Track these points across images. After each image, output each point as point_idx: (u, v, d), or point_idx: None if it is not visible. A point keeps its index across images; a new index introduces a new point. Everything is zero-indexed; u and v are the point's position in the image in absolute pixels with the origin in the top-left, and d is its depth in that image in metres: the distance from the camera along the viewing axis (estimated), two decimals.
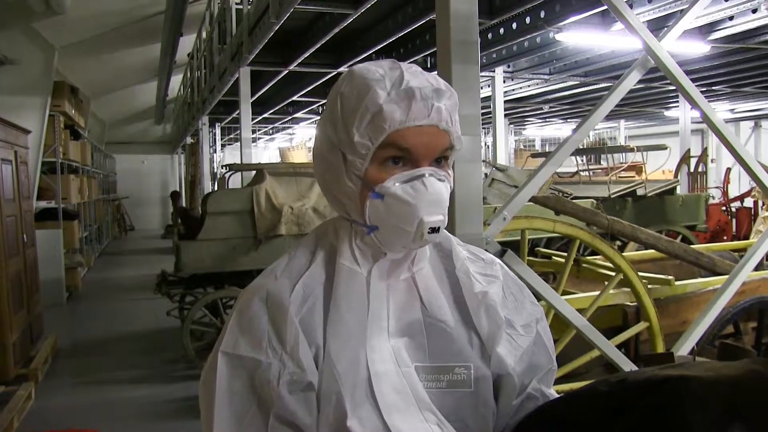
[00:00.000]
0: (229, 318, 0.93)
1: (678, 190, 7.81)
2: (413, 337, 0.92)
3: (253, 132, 16.06)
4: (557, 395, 1.00)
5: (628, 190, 7.03)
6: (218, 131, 15.52)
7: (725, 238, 8.44)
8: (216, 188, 11.25)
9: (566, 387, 2.80)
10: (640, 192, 7.07)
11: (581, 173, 9.21)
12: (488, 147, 14.06)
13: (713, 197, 9.30)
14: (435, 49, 2.28)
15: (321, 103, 11.10)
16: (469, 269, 0.99)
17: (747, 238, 7.71)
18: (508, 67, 8.65)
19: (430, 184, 0.88)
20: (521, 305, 1.02)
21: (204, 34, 8.85)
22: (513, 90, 10.61)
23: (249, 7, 5.82)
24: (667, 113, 14.51)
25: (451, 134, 0.90)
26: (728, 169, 10.30)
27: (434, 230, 0.88)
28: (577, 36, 6.08)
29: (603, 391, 0.84)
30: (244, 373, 0.87)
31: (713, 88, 10.42)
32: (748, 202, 9.46)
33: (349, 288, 0.91)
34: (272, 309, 0.89)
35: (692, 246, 4.28)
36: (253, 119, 8.75)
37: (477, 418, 0.93)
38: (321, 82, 8.76)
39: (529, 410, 0.95)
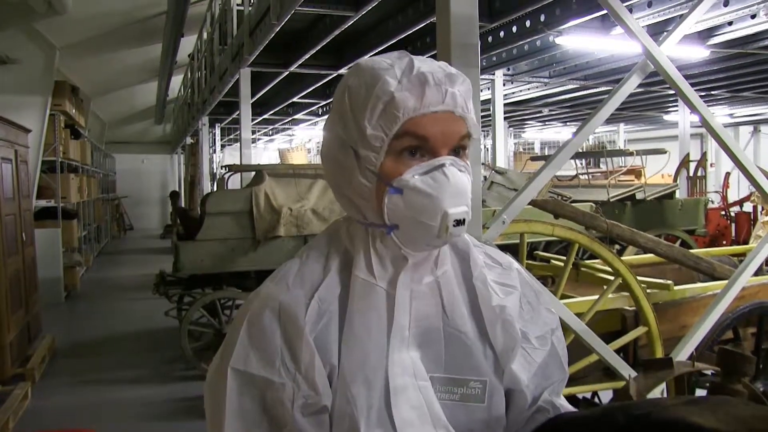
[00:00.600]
0: (235, 325, 0.88)
1: (677, 195, 7.82)
2: (430, 346, 0.89)
3: (253, 133, 16.03)
4: (568, 405, 0.98)
5: (627, 194, 7.04)
6: (218, 132, 15.52)
7: (724, 242, 8.45)
8: (215, 189, 11.25)
9: (565, 391, 2.80)
10: (639, 196, 7.08)
11: (580, 177, 9.22)
12: (488, 150, 14.06)
13: (712, 201, 9.31)
14: (436, 51, 2.28)
15: (321, 104, 11.10)
16: (486, 278, 0.94)
17: (746, 242, 7.71)
18: (508, 70, 8.66)
19: (452, 173, 0.83)
20: (537, 314, 0.98)
21: (205, 35, 8.85)
22: (513, 93, 10.61)
23: (250, 8, 5.83)
24: (666, 117, 14.52)
25: (467, 121, 0.86)
26: (727, 174, 10.32)
27: (459, 223, 0.83)
28: (576, 40, 6.08)
29: (621, 421, 0.80)
30: (255, 392, 0.83)
31: (712, 92, 10.44)
32: (748, 207, 9.46)
33: (364, 303, 0.86)
34: (286, 324, 0.84)
35: (691, 250, 4.28)
36: (252, 120, 8.75)
37: None
38: (321, 83, 8.76)
39: (539, 422, 0.93)
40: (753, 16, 5.65)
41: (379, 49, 6.22)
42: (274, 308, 0.85)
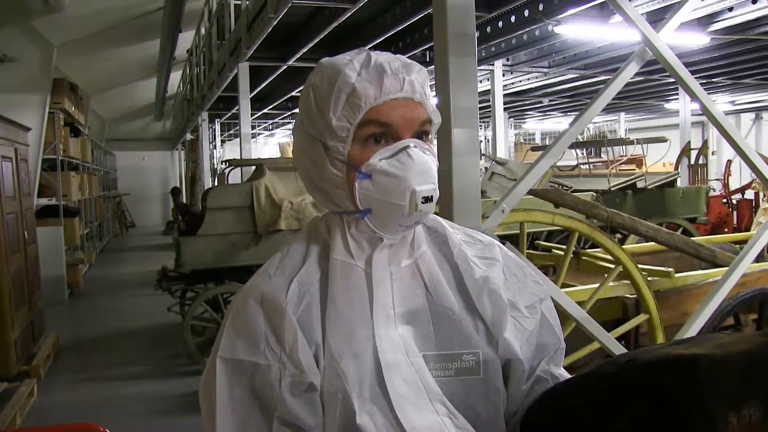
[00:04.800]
0: (224, 320, 0.91)
1: (678, 183, 7.80)
2: (419, 326, 0.90)
3: (253, 128, 16.00)
4: (567, 375, 0.99)
5: (628, 183, 7.03)
6: (218, 127, 15.51)
7: (726, 230, 8.44)
8: (216, 184, 11.25)
9: None
10: (640, 184, 7.07)
11: (581, 166, 9.20)
12: (488, 141, 14.04)
13: (714, 189, 9.29)
14: (433, 43, 2.28)
15: None
16: (466, 254, 0.97)
17: (748, 230, 7.70)
18: (507, 60, 8.63)
19: (416, 154, 0.87)
20: (524, 285, 0.99)
21: (203, 30, 8.84)
22: (512, 83, 10.58)
23: (247, 2, 5.81)
24: (667, 106, 14.47)
25: (426, 106, 0.90)
26: (729, 161, 10.29)
27: (428, 200, 0.86)
28: (575, 29, 6.06)
29: (611, 372, 0.82)
30: (243, 378, 0.85)
31: (713, 80, 10.39)
32: (749, 194, 9.45)
33: (345, 282, 0.89)
34: (268, 310, 0.87)
35: (692, 238, 4.28)
36: (252, 115, 8.73)
37: (487, 404, 0.91)
38: None
39: (539, 393, 0.94)
40: (754, 2, 5.62)
41: (377, 41, 6.21)
42: (256, 297, 0.89)
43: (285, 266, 0.92)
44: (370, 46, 6.38)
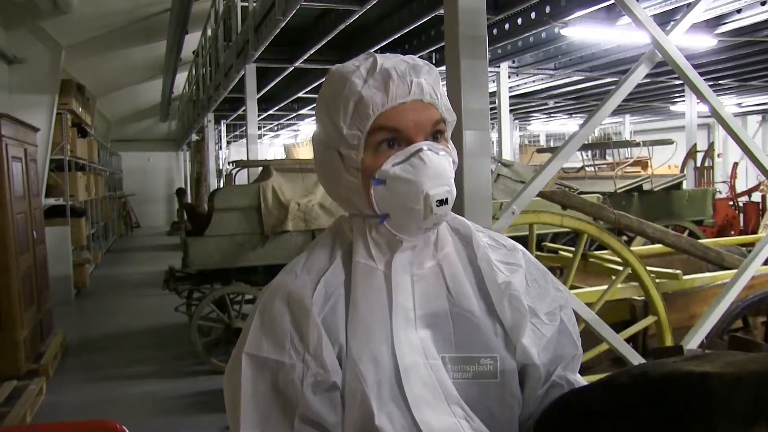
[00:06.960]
0: (250, 316, 0.93)
1: (684, 185, 7.79)
2: (439, 328, 0.91)
3: (259, 129, 16.05)
4: (583, 381, 1.00)
5: (634, 185, 7.02)
6: (223, 128, 15.54)
7: (733, 232, 8.41)
8: (222, 185, 11.28)
9: None
10: (646, 187, 7.05)
11: (587, 168, 9.19)
12: (493, 143, 14.04)
13: (720, 192, 9.27)
14: (441, 44, 2.29)
15: None
16: (490, 258, 0.97)
17: (755, 232, 7.68)
18: (513, 62, 8.63)
19: (428, 158, 0.86)
20: (545, 292, 0.99)
21: (209, 32, 8.88)
22: (518, 85, 10.58)
23: (254, 4, 5.83)
24: (673, 108, 14.44)
25: (437, 107, 0.90)
26: (735, 164, 10.28)
27: (443, 202, 0.86)
28: (582, 31, 6.06)
29: (624, 383, 0.83)
30: (268, 375, 0.87)
31: (720, 82, 10.37)
32: (756, 197, 9.42)
33: (366, 285, 0.90)
34: (294, 309, 0.89)
35: (699, 240, 4.28)
36: (258, 116, 8.76)
37: (503, 408, 0.92)
38: None
39: (554, 398, 0.94)
40: (763, 3, 5.61)
41: (384, 43, 6.22)
42: (283, 296, 0.90)
43: (312, 265, 0.93)
44: (377, 48, 6.39)
